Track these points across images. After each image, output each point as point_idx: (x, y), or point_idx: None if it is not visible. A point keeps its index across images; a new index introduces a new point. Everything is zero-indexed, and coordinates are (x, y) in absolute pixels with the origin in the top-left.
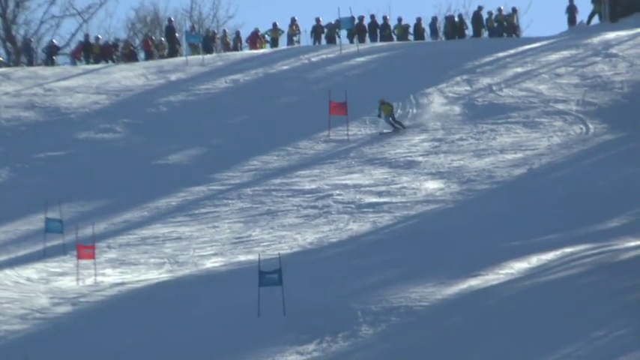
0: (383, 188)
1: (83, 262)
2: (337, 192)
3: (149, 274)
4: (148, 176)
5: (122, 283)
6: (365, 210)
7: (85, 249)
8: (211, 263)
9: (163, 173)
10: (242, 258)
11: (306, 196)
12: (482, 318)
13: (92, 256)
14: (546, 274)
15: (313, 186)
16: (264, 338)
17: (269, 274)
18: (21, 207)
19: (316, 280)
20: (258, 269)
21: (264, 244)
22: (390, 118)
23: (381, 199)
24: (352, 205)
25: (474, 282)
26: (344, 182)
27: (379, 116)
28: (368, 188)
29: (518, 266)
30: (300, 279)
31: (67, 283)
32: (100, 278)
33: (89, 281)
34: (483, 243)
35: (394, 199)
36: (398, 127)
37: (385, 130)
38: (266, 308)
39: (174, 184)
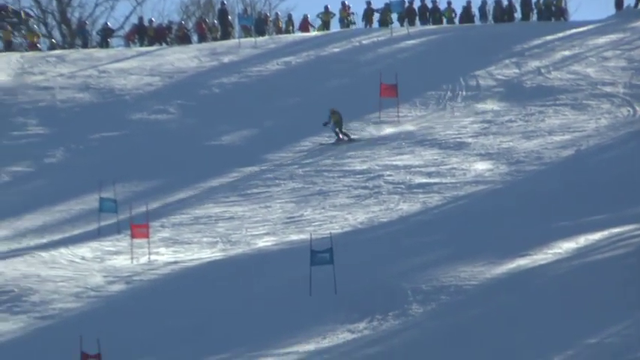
0: (433, 169)
1: (137, 241)
2: (388, 173)
3: (202, 253)
4: (201, 157)
5: (175, 262)
6: (415, 190)
7: (138, 228)
8: (263, 242)
9: (216, 154)
10: (294, 237)
11: (357, 176)
12: (530, 297)
13: (146, 235)
14: (593, 254)
15: (364, 167)
16: (315, 316)
17: (320, 254)
18: (75, 187)
19: (367, 259)
20: (309, 248)
21: (316, 223)
22: (337, 128)
23: (431, 180)
24: (402, 186)
25: (523, 262)
26: (394, 163)
27: (325, 124)
28: (418, 169)
29: (566, 246)
30: (351, 258)
31: (121, 261)
32: (153, 257)
33: (143, 260)
34: (532, 223)
35: (444, 180)
36: (343, 138)
37: (324, 142)
38: (317, 287)
39: (226, 164)
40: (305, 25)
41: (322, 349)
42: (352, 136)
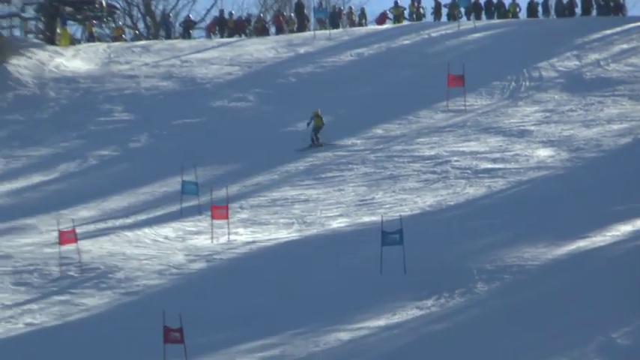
0: (497, 155)
1: (217, 221)
2: (455, 158)
3: (279, 233)
4: (278, 142)
5: (253, 242)
6: (480, 175)
7: (218, 209)
8: (337, 224)
9: (292, 139)
10: (366, 219)
11: (426, 162)
12: (590, 277)
13: (225, 217)
14: None
15: (432, 152)
16: (386, 294)
17: (391, 234)
18: (159, 170)
19: (435, 240)
20: (380, 230)
21: (387, 206)
22: (314, 132)
23: (496, 165)
24: (469, 171)
25: (582, 243)
26: (461, 149)
27: (308, 124)
28: (483, 155)
29: (623, 229)
30: (420, 239)
31: (202, 241)
32: (232, 237)
33: (222, 240)
34: (591, 207)
35: (508, 166)
36: (315, 144)
37: (299, 148)
38: (388, 266)
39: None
40: (382, 19)
41: (392, 325)
42: (321, 143)
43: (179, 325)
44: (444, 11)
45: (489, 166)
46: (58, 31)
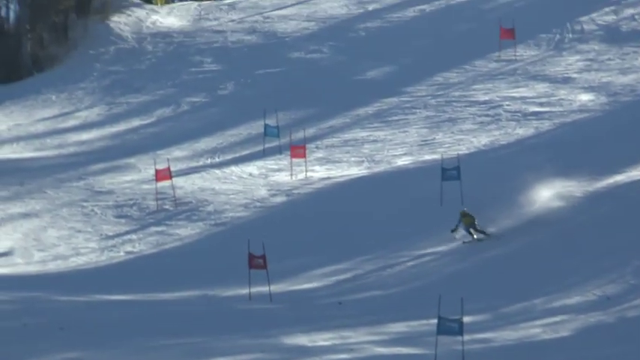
0: (544, 100)
1: (295, 160)
2: (506, 103)
3: (350, 170)
4: (349, 89)
5: (328, 178)
6: (529, 118)
7: (297, 149)
8: (402, 161)
9: (362, 87)
10: (427, 157)
11: (481, 106)
12: (626, 207)
13: (303, 156)
14: None
15: (486, 98)
16: (445, 223)
17: (449, 171)
18: (244, 115)
19: (489, 175)
20: (440, 166)
21: (446, 145)
22: (471, 229)
23: (543, 109)
24: (519, 114)
25: (619, 177)
26: (512, 95)
27: (453, 230)
28: (532, 100)
29: None
30: (476, 175)
31: (282, 177)
32: (309, 174)
33: (301, 176)
34: (628, 145)
35: (553, 109)
36: (480, 237)
37: (466, 240)
38: (447, 198)
39: (371, 95)
40: None
41: (451, 251)
42: (488, 232)
43: (262, 252)
44: None
45: (537, 109)
46: None
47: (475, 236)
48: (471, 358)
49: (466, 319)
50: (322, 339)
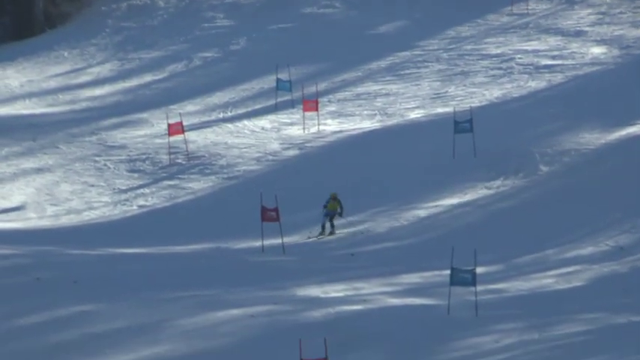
0: (556, 53)
1: (308, 114)
2: (519, 56)
3: (363, 123)
4: (362, 43)
5: (340, 131)
6: (541, 70)
7: (309, 103)
8: (414, 114)
9: (374, 41)
10: (439, 110)
11: (493, 59)
12: (638, 159)
13: (315, 109)
14: None
15: (499, 51)
16: (458, 176)
17: (462, 123)
18: (256, 69)
19: (501, 128)
20: (453, 119)
21: (458, 98)
22: (329, 217)
23: (555, 62)
24: (531, 67)
25: (632, 129)
26: (524, 48)
27: (325, 206)
28: (544, 53)
29: None
30: (488, 127)
31: (295, 131)
32: (322, 127)
33: (313, 130)
34: None
35: (565, 62)
36: (324, 231)
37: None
38: (460, 151)
39: (383, 49)
40: None
41: (463, 203)
42: (334, 232)
43: (275, 204)
44: None
45: (549, 62)
46: None
47: (325, 229)
48: (483, 309)
49: (479, 269)
50: (335, 290)
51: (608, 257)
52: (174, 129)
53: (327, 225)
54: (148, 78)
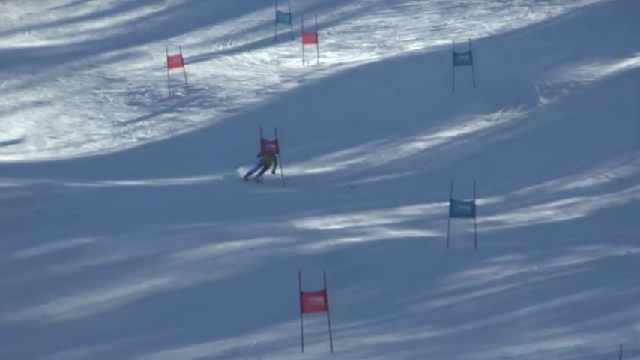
0: None
1: (307, 46)
2: None
3: (362, 56)
4: None
5: (340, 64)
6: (541, 3)
7: (309, 35)
8: (414, 47)
9: None
10: (439, 42)
11: None
12: (637, 89)
13: (315, 42)
14: None
15: None
16: (457, 108)
17: (461, 56)
18: (256, 2)
19: (500, 60)
20: (452, 51)
21: (458, 31)
22: (262, 167)
23: None
24: None
25: (632, 61)
26: None
27: (258, 156)
28: None
29: None
30: (488, 60)
31: (294, 63)
32: (321, 60)
33: (312, 62)
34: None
35: None
36: (253, 177)
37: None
38: (459, 83)
39: None
40: None
41: (463, 135)
42: (259, 180)
43: (274, 137)
44: None
45: None
46: None
47: (257, 174)
48: (483, 241)
49: (478, 201)
50: (335, 222)
51: (608, 189)
52: (174, 62)
53: (257, 172)
54: (147, 11)
